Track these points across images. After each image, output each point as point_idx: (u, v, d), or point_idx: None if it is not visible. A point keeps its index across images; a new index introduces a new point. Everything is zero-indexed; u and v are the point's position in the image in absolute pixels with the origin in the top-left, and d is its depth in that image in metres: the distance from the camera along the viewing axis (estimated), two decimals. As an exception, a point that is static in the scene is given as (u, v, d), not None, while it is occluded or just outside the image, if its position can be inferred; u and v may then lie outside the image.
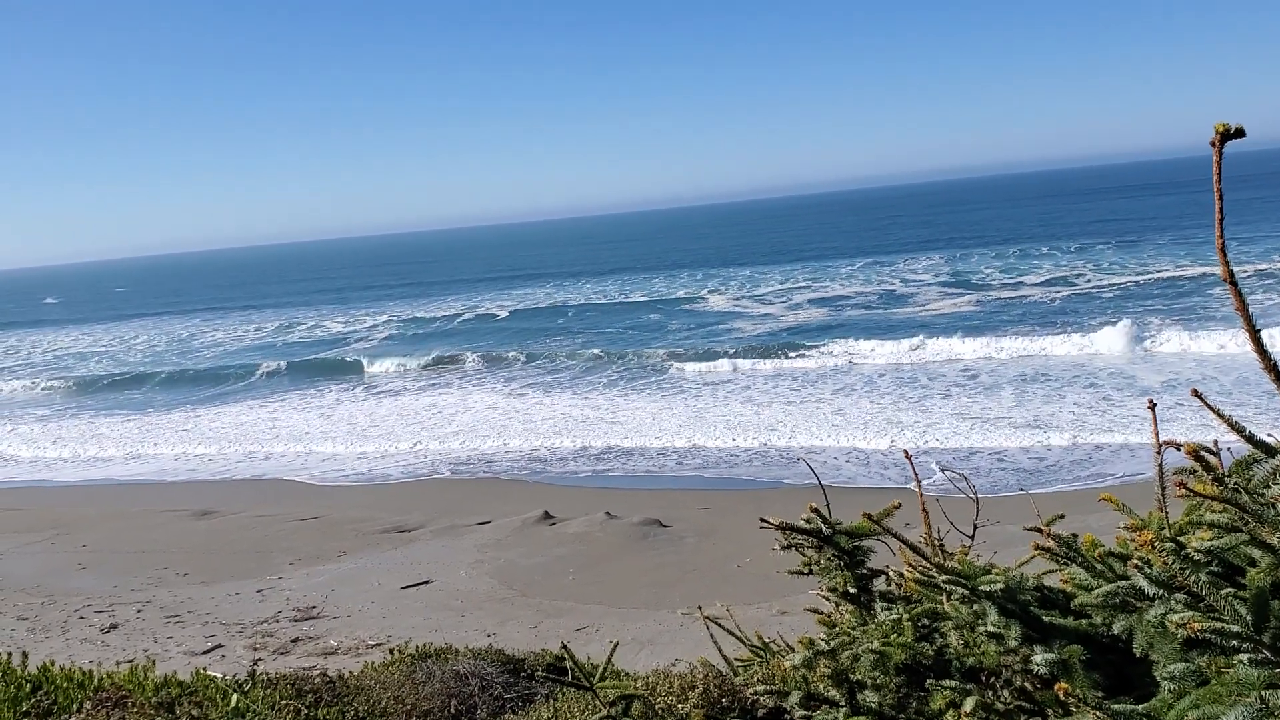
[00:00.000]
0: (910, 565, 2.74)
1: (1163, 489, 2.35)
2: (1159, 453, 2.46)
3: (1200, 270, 47.54)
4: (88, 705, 4.28)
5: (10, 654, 4.96)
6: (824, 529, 3.00)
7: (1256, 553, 2.09)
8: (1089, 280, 49.29)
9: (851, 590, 2.98)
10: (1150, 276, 47.99)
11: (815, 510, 3.03)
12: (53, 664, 4.84)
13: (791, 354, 35.70)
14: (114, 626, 13.55)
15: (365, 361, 43.60)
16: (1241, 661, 1.86)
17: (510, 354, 43.45)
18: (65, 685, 4.51)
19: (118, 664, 9.65)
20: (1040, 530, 2.49)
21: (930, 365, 30.70)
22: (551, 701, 4.43)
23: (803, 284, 61.63)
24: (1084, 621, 2.31)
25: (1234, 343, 28.44)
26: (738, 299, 57.34)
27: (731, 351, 37.79)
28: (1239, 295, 1.98)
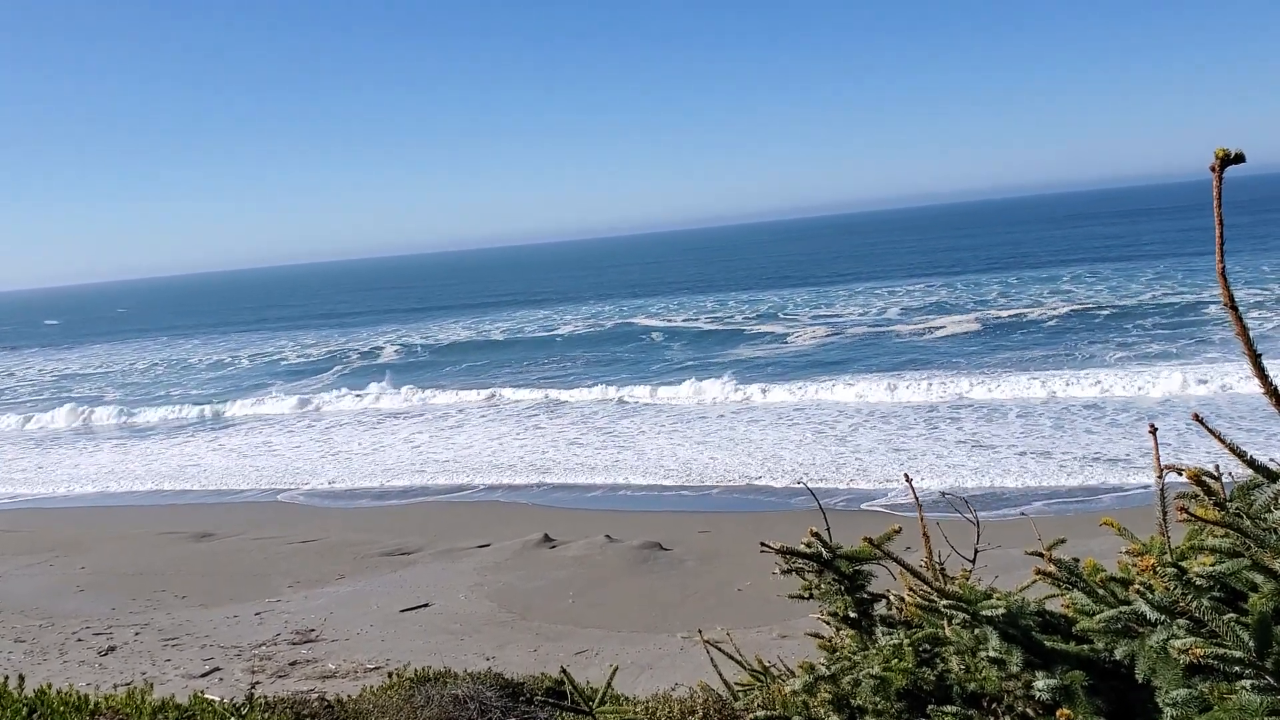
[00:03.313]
0: (911, 590, 2.74)
1: (1164, 513, 2.35)
2: (1160, 477, 2.46)
3: (1199, 295, 47.60)
4: (84, 729, 4.25)
5: (7, 677, 4.94)
6: (824, 553, 2.99)
7: (1259, 578, 2.08)
8: (1089, 305, 49.31)
9: (852, 615, 2.97)
10: (1150, 301, 48.05)
11: (816, 534, 3.03)
12: (50, 687, 4.82)
13: (793, 379, 35.75)
14: (112, 649, 13.49)
15: (360, 386, 43.62)
16: (1244, 688, 1.86)
17: (511, 376, 43.51)
18: (62, 708, 4.49)
19: (115, 687, 9.60)
20: (1042, 555, 2.49)
21: (933, 392, 30.67)
22: (551, 726, 4.41)
23: (803, 308, 61.71)
24: (1086, 647, 2.30)
25: (1236, 369, 28.45)
26: (737, 323, 57.39)
27: (732, 376, 37.81)
28: (1239, 320, 1.98)
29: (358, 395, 40.22)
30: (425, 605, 15.10)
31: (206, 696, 4.94)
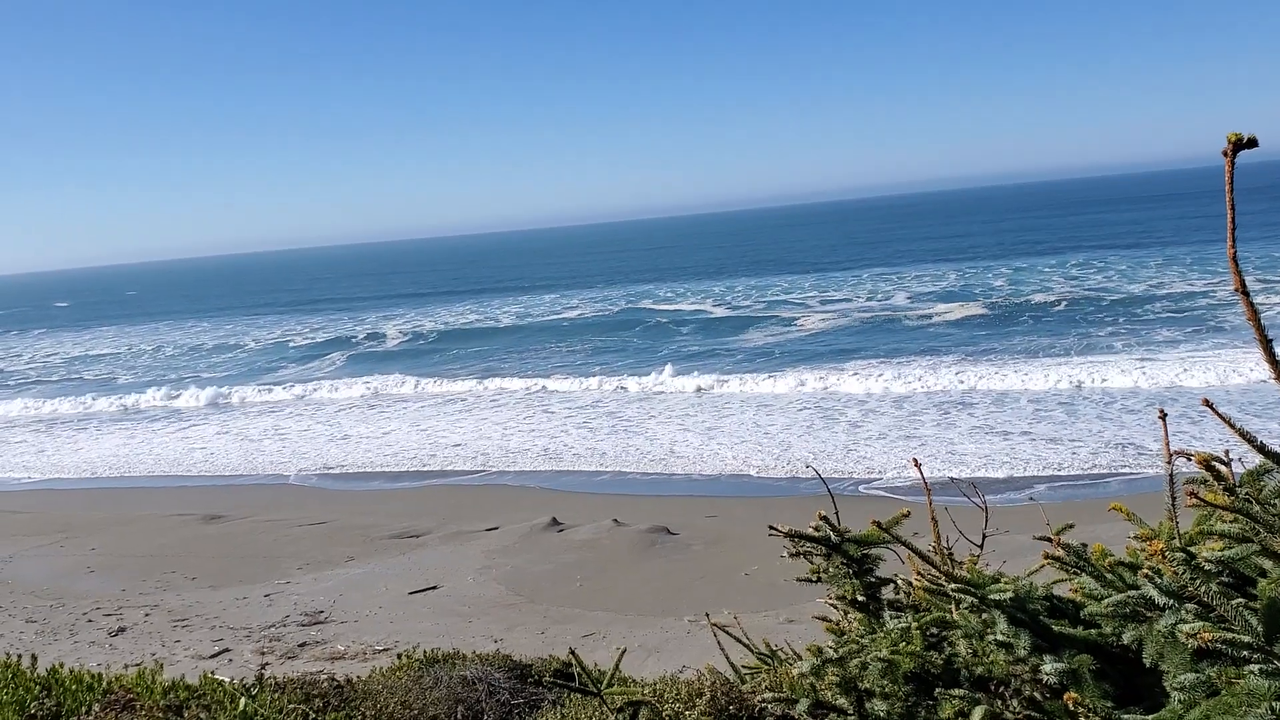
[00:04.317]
0: (919, 573, 2.74)
1: (1173, 499, 2.35)
2: (1169, 462, 2.46)
3: (1210, 282, 47.43)
4: (96, 708, 4.29)
5: (19, 656, 4.98)
6: (833, 537, 2.99)
7: (1268, 563, 2.09)
8: (1098, 292, 49.17)
9: (860, 598, 2.97)
10: (1160, 287, 47.88)
11: (824, 518, 3.03)
12: (61, 666, 4.86)
13: (802, 365, 35.75)
14: (122, 630, 13.58)
15: (368, 370, 43.78)
16: (1252, 672, 1.86)
17: (518, 361, 43.57)
18: (74, 687, 4.53)
19: (126, 667, 9.66)
20: (1050, 539, 2.49)
21: (942, 378, 30.62)
22: (558, 708, 4.43)
23: (812, 294, 61.61)
24: (1094, 631, 2.31)
25: (1247, 357, 28.41)
26: (746, 309, 57.32)
27: (741, 362, 37.83)
28: (1251, 305, 1.98)
29: (365, 380, 40.30)
30: (434, 588, 15.17)
31: (216, 677, 4.97)
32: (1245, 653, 1.86)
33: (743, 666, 3.57)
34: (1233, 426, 2.11)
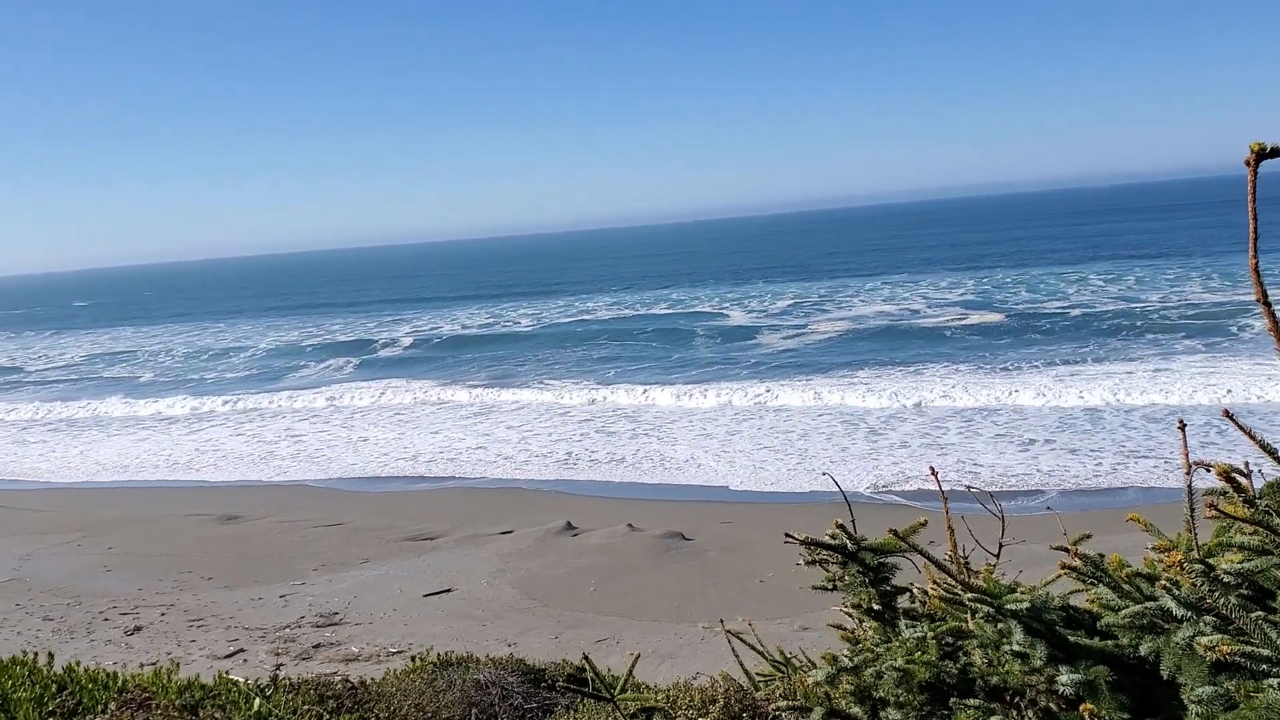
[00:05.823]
0: (935, 583, 2.73)
1: (1192, 510, 2.33)
2: (1188, 473, 2.44)
3: (1232, 293, 47.12)
4: (112, 706, 4.31)
5: (36, 654, 5.01)
6: (849, 545, 2.98)
7: (1287, 576, 2.07)
8: (1117, 302, 48.92)
9: (875, 607, 2.96)
10: (1179, 298, 47.59)
11: (840, 526, 3.02)
12: (78, 665, 4.89)
13: (818, 373, 35.68)
14: (138, 629, 13.66)
15: (383, 374, 43.91)
16: (1271, 685, 1.84)
17: (534, 366, 43.60)
18: (90, 686, 4.55)
19: (142, 666, 9.71)
20: (1067, 550, 2.48)
21: (958, 387, 30.51)
22: (572, 712, 4.43)
23: (829, 301, 61.52)
24: (1110, 642, 2.29)
25: (1269, 369, 28.19)
26: (763, 315, 57.25)
27: (758, 368, 37.74)
28: (1272, 316, 1.96)
29: (381, 383, 40.44)
30: (448, 590, 15.20)
31: (231, 677, 4.99)
32: (1265, 666, 1.84)
33: (757, 674, 3.56)
34: (1253, 438, 2.10)
